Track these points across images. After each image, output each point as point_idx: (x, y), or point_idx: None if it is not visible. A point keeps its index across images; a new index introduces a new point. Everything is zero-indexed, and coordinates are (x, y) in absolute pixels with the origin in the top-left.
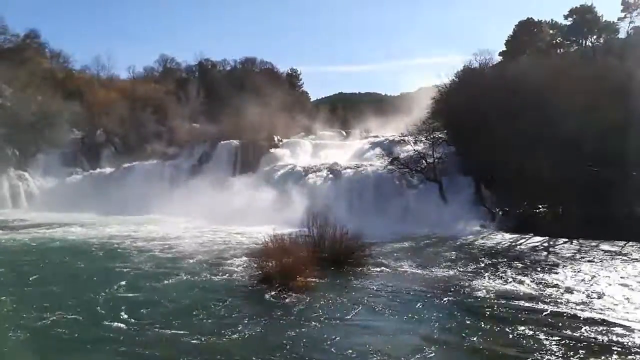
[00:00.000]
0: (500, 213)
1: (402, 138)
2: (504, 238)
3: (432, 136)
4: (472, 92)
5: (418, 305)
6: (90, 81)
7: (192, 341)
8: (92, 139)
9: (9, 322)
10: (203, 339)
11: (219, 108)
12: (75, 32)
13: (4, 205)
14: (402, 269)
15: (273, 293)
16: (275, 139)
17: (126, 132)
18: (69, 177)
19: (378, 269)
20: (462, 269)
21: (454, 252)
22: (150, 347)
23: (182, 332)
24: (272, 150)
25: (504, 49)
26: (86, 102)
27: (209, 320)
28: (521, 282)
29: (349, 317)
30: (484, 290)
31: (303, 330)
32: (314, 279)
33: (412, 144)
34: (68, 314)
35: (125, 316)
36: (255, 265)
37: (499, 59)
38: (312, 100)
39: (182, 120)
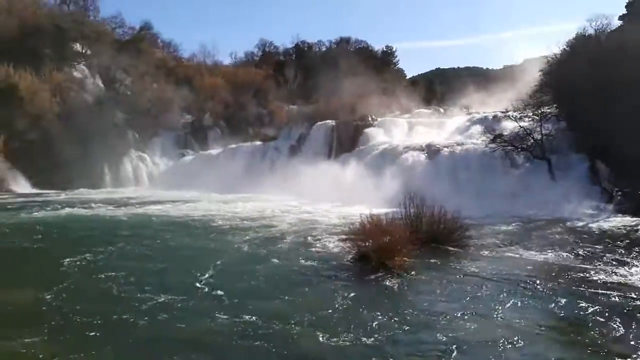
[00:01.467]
0: (619, 194)
1: (505, 114)
2: (622, 221)
3: (539, 111)
4: (587, 62)
5: (524, 291)
6: (197, 68)
7: (290, 315)
8: (201, 122)
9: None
10: (301, 313)
11: (316, 89)
12: (183, 23)
13: (128, 183)
14: (506, 253)
15: (370, 271)
16: (370, 118)
17: (230, 115)
18: (181, 157)
19: (479, 252)
20: (573, 255)
21: (563, 236)
22: (246, 321)
23: (280, 305)
24: (367, 129)
25: (625, 11)
26: (195, 88)
27: (308, 295)
28: None
29: (448, 299)
30: (600, 279)
31: (401, 309)
32: (411, 260)
33: (517, 120)
34: (167, 288)
35: (225, 290)
36: (352, 244)
37: (618, 23)
38: (407, 77)
39: (280, 102)
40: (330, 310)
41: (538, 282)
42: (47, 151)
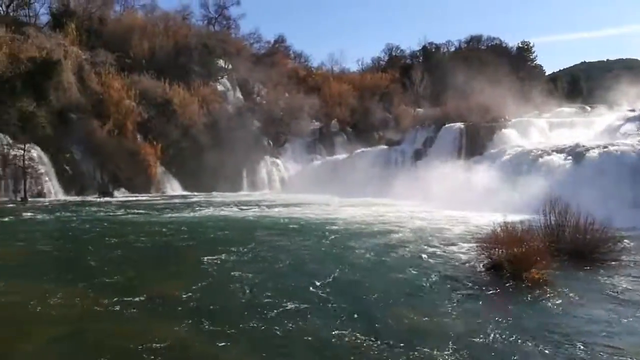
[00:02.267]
0: None
1: None
2: None
3: None
4: None
5: None
6: (325, 76)
7: (417, 323)
8: (328, 128)
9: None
10: (428, 323)
11: (443, 91)
12: (313, 34)
13: (263, 187)
14: None
15: (502, 282)
16: (504, 119)
17: (356, 120)
18: (310, 163)
19: (633, 268)
20: None
21: None
22: (373, 327)
23: (405, 314)
24: (500, 131)
25: None
26: (322, 95)
27: (435, 302)
28: None
29: (591, 320)
30: None
31: (536, 326)
32: (550, 272)
33: None
34: (288, 291)
35: (347, 296)
36: (483, 252)
37: None
38: (547, 73)
39: (406, 106)
40: (458, 321)
41: None
42: (195, 157)
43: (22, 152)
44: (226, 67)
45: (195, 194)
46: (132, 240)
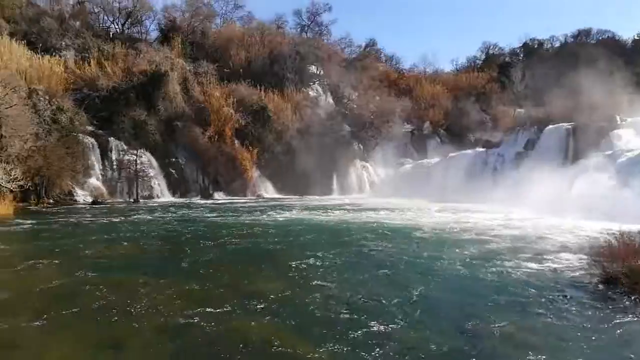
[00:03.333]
0: None
1: None
2: None
3: None
4: None
5: None
6: (418, 78)
7: (526, 343)
8: (420, 131)
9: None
10: (541, 341)
11: (547, 89)
12: (405, 35)
13: (353, 190)
14: None
15: (619, 297)
16: (618, 118)
17: (450, 122)
18: (400, 167)
19: None
20: None
21: None
22: (480, 347)
23: (513, 330)
24: (613, 132)
25: None
26: (414, 97)
27: (546, 320)
28: None
29: None
30: None
31: None
32: None
33: None
34: (382, 299)
35: (446, 309)
36: (596, 265)
37: None
38: None
39: (505, 106)
40: (572, 341)
41: None
42: (288, 162)
43: (135, 157)
44: (318, 72)
45: (288, 197)
46: (230, 241)
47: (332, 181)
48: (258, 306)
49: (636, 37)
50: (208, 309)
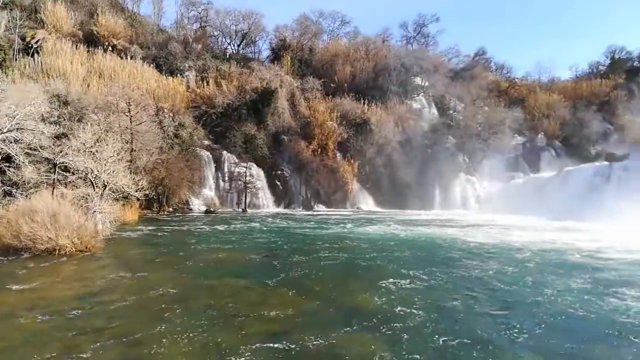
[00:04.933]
0: None
1: None
2: None
3: None
4: None
5: None
6: (531, 87)
7: None
8: (533, 143)
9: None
10: None
11: None
12: (519, 42)
13: (456, 205)
14: None
15: None
16: None
17: (568, 134)
18: (510, 181)
19: None
20: None
21: None
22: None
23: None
24: None
25: None
26: (527, 107)
27: None
28: None
29: None
30: None
31: None
32: None
33: None
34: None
35: (547, 329)
36: None
37: None
38: None
39: (633, 115)
40: None
41: None
42: (388, 175)
43: (245, 169)
44: (422, 84)
45: (387, 210)
46: (328, 252)
47: (434, 195)
48: (356, 321)
49: None
50: (309, 320)
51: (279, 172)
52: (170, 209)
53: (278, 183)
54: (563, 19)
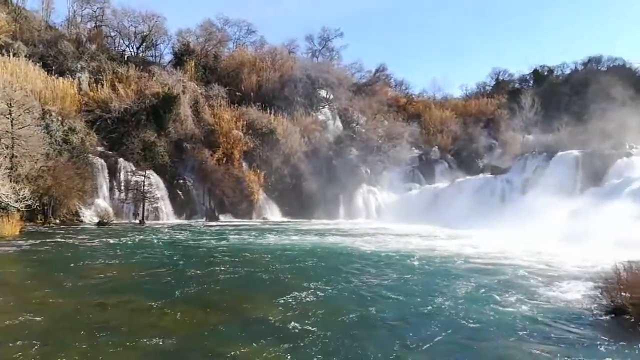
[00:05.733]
0: None
1: None
2: None
3: None
4: None
5: None
6: (426, 103)
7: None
8: (428, 156)
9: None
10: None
11: (556, 116)
12: (415, 61)
13: (359, 215)
14: None
15: (626, 328)
16: (627, 146)
17: (459, 148)
18: (407, 191)
19: None
20: None
21: None
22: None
23: (509, 354)
24: (623, 159)
25: None
26: (423, 122)
27: (551, 349)
28: None
29: None
30: None
31: None
32: None
33: None
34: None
35: (450, 316)
36: (603, 295)
37: None
38: None
39: (514, 132)
40: None
41: None
42: (295, 185)
43: (143, 178)
44: (327, 97)
45: (294, 220)
46: (232, 264)
47: (338, 205)
48: (258, 331)
49: None
50: (209, 332)
51: (181, 181)
52: (57, 221)
53: (180, 193)
54: (456, 41)
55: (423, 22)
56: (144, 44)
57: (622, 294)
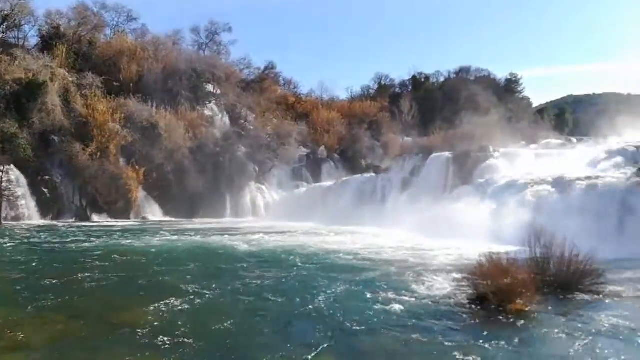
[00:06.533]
0: None
1: None
2: None
3: None
4: None
5: None
6: (314, 103)
7: (395, 351)
8: (316, 155)
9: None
10: (410, 354)
11: (432, 120)
12: (304, 61)
13: (247, 213)
14: None
15: (487, 315)
16: (491, 149)
17: (344, 148)
18: (296, 189)
19: (616, 300)
20: None
21: None
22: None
23: (389, 346)
24: (488, 161)
25: None
26: (311, 122)
27: (417, 335)
28: None
29: (573, 352)
30: None
31: (518, 357)
32: (534, 305)
33: None
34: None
35: (330, 317)
36: (468, 284)
37: None
38: (534, 106)
39: (395, 134)
40: (438, 354)
41: None
42: (178, 182)
43: (1, 174)
44: (214, 92)
45: (177, 219)
46: (103, 268)
47: (225, 204)
48: (129, 341)
49: (508, 77)
50: (74, 344)
51: (47, 177)
52: None
53: (45, 190)
54: (342, 45)
55: (313, 23)
56: (5, 23)
57: (485, 283)
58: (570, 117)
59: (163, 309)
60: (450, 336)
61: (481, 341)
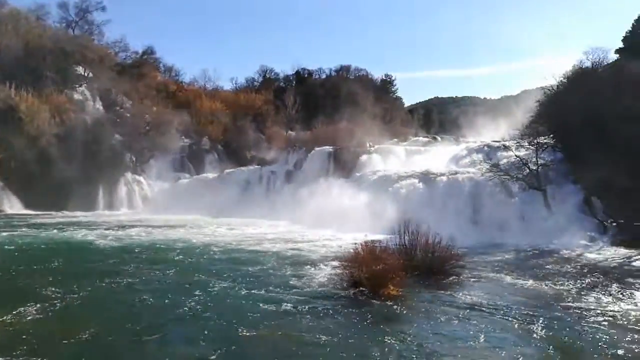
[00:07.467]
0: (614, 225)
1: (502, 143)
2: (617, 253)
3: (536, 141)
4: (584, 94)
5: (515, 321)
6: (197, 93)
7: (278, 342)
8: (199, 146)
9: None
10: (289, 340)
11: (315, 115)
12: (186, 49)
13: (122, 205)
14: (499, 282)
15: (362, 299)
16: (368, 145)
17: (228, 139)
18: (177, 181)
19: (472, 281)
20: (566, 285)
21: (557, 266)
22: (236, 349)
23: (268, 333)
24: (365, 156)
25: (621, 45)
26: (194, 112)
27: (295, 321)
28: (636, 304)
29: (437, 329)
30: (591, 310)
31: (388, 339)
32: (404, 288)
33: (514, 150)
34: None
35: (209, 315)
36: (345, 271)
37: (615, 57)
38: (406, 105)
39: (279, 127)
40: (315, 338)
41: (528, 312)
42: (43, 172)
43: None
44: (86, 75)
45: (41, 212)
46: None
47: (97, 195)
48: None
49: (383, 78)
50: None
51: None
52: None
53: None
54: (226, 34)
55: (195, 9)
56: None
57: (360, 269)
58: (436, 117)
59: (15, 319)
60: (322, 320)
61: (355, 322)
